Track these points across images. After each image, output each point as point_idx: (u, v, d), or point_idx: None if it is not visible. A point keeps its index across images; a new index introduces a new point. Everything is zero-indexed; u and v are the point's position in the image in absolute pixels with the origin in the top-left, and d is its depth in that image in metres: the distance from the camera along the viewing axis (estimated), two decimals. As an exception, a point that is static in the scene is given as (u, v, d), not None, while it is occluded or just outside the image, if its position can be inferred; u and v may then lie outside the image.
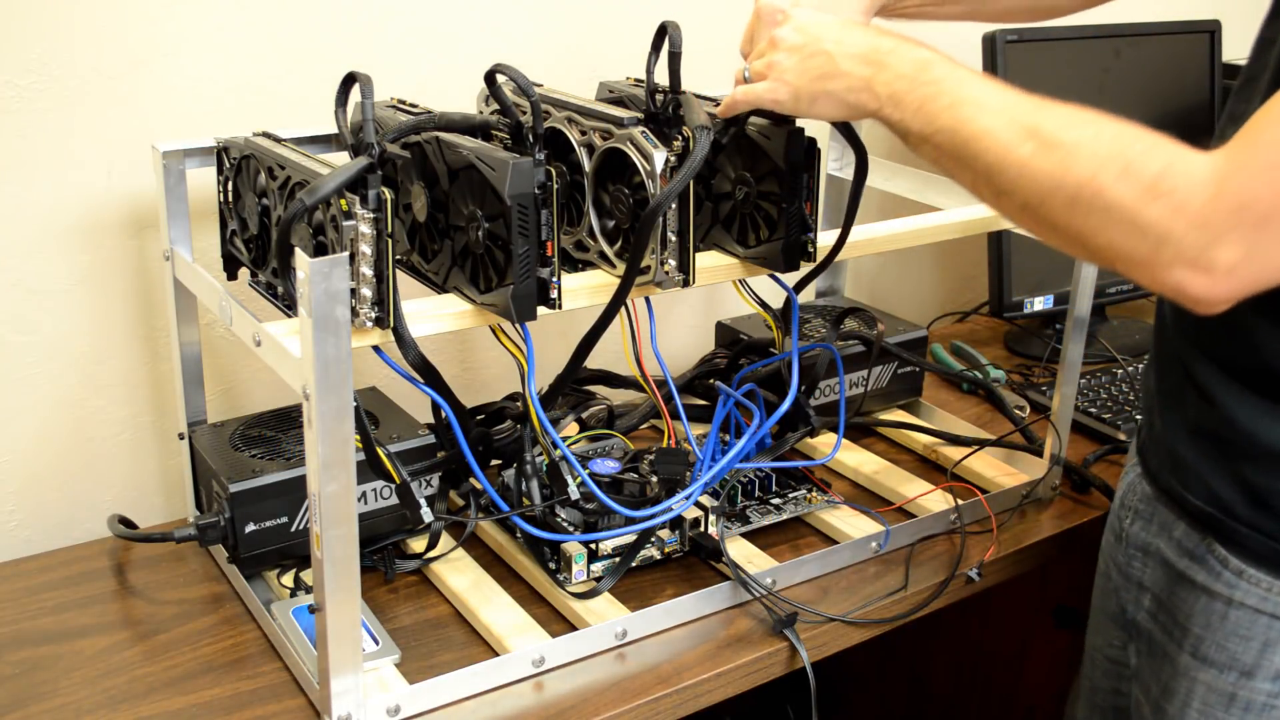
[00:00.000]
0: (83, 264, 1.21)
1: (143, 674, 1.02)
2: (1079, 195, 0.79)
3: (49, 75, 1.15)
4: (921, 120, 0.87)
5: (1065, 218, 0.80)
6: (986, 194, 0.86)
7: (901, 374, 1.44)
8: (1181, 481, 0.97)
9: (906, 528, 1.23)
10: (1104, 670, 1.15)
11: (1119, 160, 0.78)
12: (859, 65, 0.90)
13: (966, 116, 0.84)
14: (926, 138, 0.87)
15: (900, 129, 0.89)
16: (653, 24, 1.03)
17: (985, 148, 0.83)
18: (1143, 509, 1.04)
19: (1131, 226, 0.77)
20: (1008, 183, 0.82)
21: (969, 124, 0.84)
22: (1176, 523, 0.98)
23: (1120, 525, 1.07)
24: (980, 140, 0.83)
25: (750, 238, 1.09)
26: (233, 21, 1.23)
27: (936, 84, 0.86)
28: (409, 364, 0.96)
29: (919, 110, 0.87)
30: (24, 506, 1.24)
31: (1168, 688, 0.99)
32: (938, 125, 0.85)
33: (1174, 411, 0.99)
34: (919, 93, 0.87)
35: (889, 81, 0.89)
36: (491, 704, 0.99)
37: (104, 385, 1.25)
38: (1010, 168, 0.82)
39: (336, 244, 0.89)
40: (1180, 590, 0.98)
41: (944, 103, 0.85)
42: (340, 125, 1.05)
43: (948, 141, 0.85)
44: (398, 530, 1.16)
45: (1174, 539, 0.99)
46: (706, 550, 1.14)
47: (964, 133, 0.84)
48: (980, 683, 1.73)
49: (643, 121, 1.01)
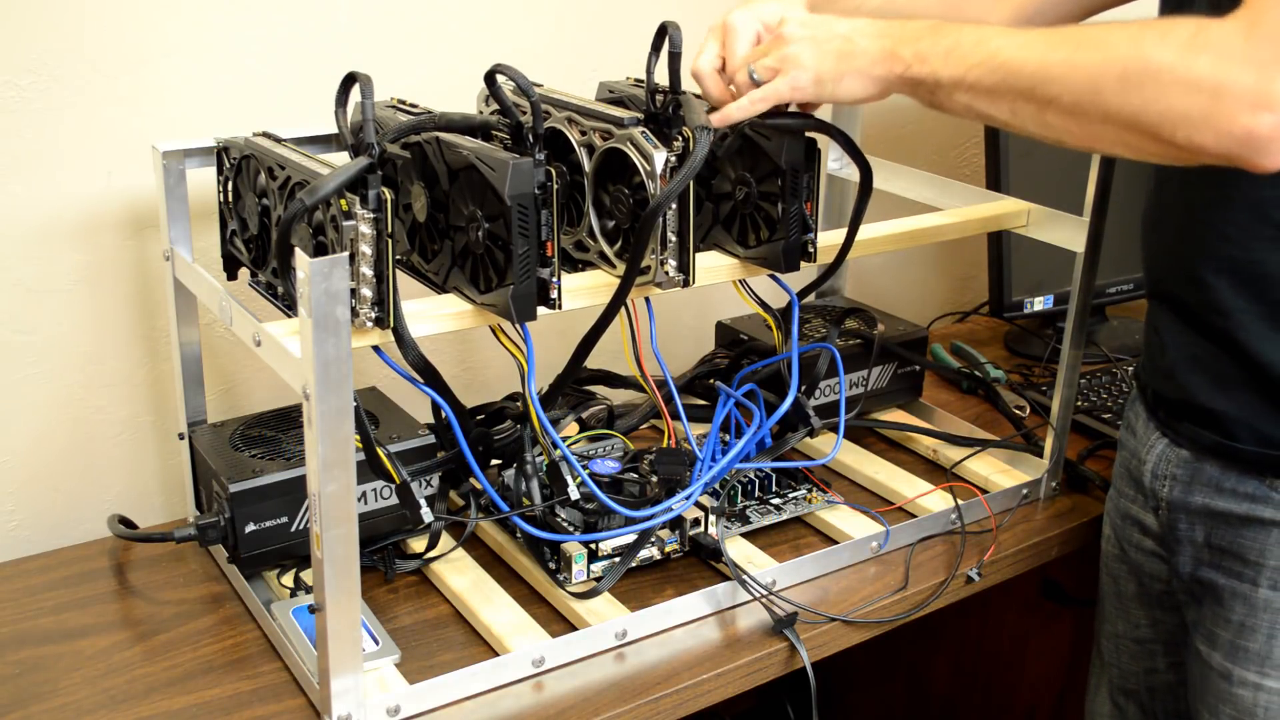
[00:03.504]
0: (83, 264, 1.21)
1: (143, 674, 1.02)
2: (1127, 72, 0.82)
3: (49, 75, 1.15)
4: (953, 64, 0.90)
5: (1119, 100, 0.82)
6: (1029, 112, 0.88)
7: (901, 374, 1.44)
8: (1228, 434, 1.02)
9: (906, 528, 1.23)
10: (1132, 654, 1.19)
11: (1153, 32, 0.81)
12: (876, 39, 0.94)
13: (996, 46, 0.88)
14: (959, 78, 0.90)
15: (930, 82, 0.92)
16: (653, 24, 1.03)
17: (1023, 62, 0.87)
18: (1180, 474, 1.07)
19: (1185, 83, 0.80)
20: (1055, 87, 0.85)
21: (1001, 51, 0.88)
22: (1225, 475, 1.03)
23: (1154, 498, 1.10)
24: (1016, 59, 0.87)
25: (750, 238, 1.09)
26: (233, 21, 1.23)
27: (955, 33, 0.91)
28: (409, 364, 0.96)
29: (948, 56, 0.91)
30: (24, 506, 1.24)
31: (1244, 626, 1.03)
32: (970, 62, 0.89)
33: (1199, 373, 1.04)
34: (942, 44, 0.91)
35: (911, 41, 0.93)
36: (491, 704, 0.99)
37: (104, 385, 1.25)
38: (1054, 70, 0.85)
39: (336, 244, 0.89)
40: (1247, 532, 1.02)
41: (969, 43, 0.90)
42: (340, 125, 1.05)
43: (985, 74, 0.89)
44: (398, 530, 1.16)
45: (1225, 490, 1.03)
46: (706, 550, 1.14)
47: (998, 59, 0.88)
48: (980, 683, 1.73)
49: (643, 122, 1.01)
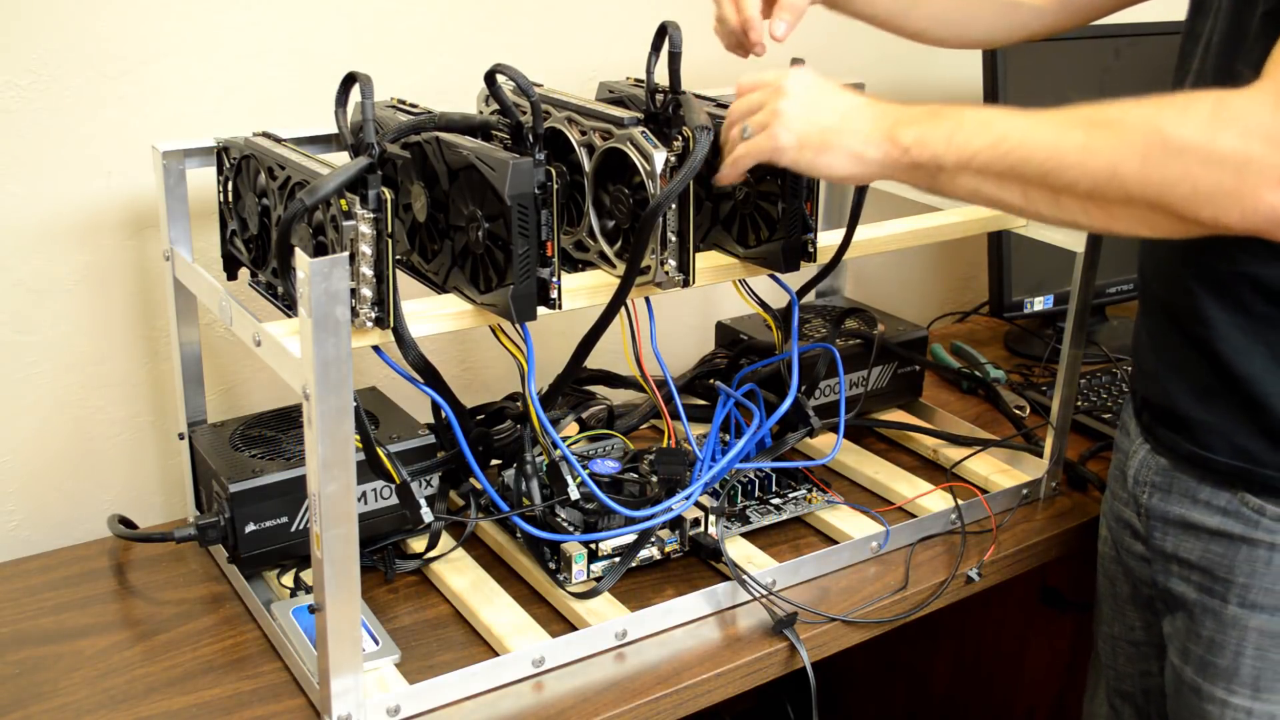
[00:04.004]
0: (83, 264, 1.21)
1: (143, 674, 1.02)
2: (1148, 152, 0.79)
3: (49, 75, 1.15)
4: (956, 149, 0.86)
5: (1140, 181, 0.79)
6: (1043, 200, 0.85)
7: (901, 374, 1.44)
8: (1204, 445, 1.00)
9: (906, 528, 1.23)
10: (1127, 655, 1.19)
11: (1171, 110, 0.79)
12: (873, 121, 0.89)
13: (1001, 132, 0.84)
14: (964, 164, 0.86)
15: (932, 167, 0.87)
16: (653, 24, 1.03)
17: (1033, 149, 0.83)
18: (1159, 481, 1.06)
19: (1210, 162, 0.77)
20: (1070, 174, 0.82)
21: (1009, 136, 0.84)
22: (1200, 486, 1.02)
23: (1135, 504, 1.09)
24: (1027, 144, 0.83)
25: (750, 238, 1.09)
26: (232, 21, 1.23)
27: (956, 117, 0.87)
28: (409, 364, 0.96)
29: (949, 141, 0.86)
30: (24, 506, 1.24)
31: (1214, 642, 1.02)
32: (975, 148, 0.85)
33: (1180, 380, 1.02)
34: (943, 128, 0.87)
35: (910, 123, 0.88)
36: (491, 704, 0.99)
37: (104, 385, 1.25)
38: (1068, 157, 0.81)
39: (336, 244, 0.89)
40: (1216, 547, 1.01)
41: (971, 127, 0.85)
42: (340, 125, 1.05)
43: (993, 159, 0.84)
44: (398, 530, 1.16)
45: (1200, 501, 1.02)
46: (706, 550, 1.14)
47: (1007, 144, 0.84)
48: (980, 683, 1.73)
49: (643, 122, 1.01)
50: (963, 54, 1.68)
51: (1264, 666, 0.99)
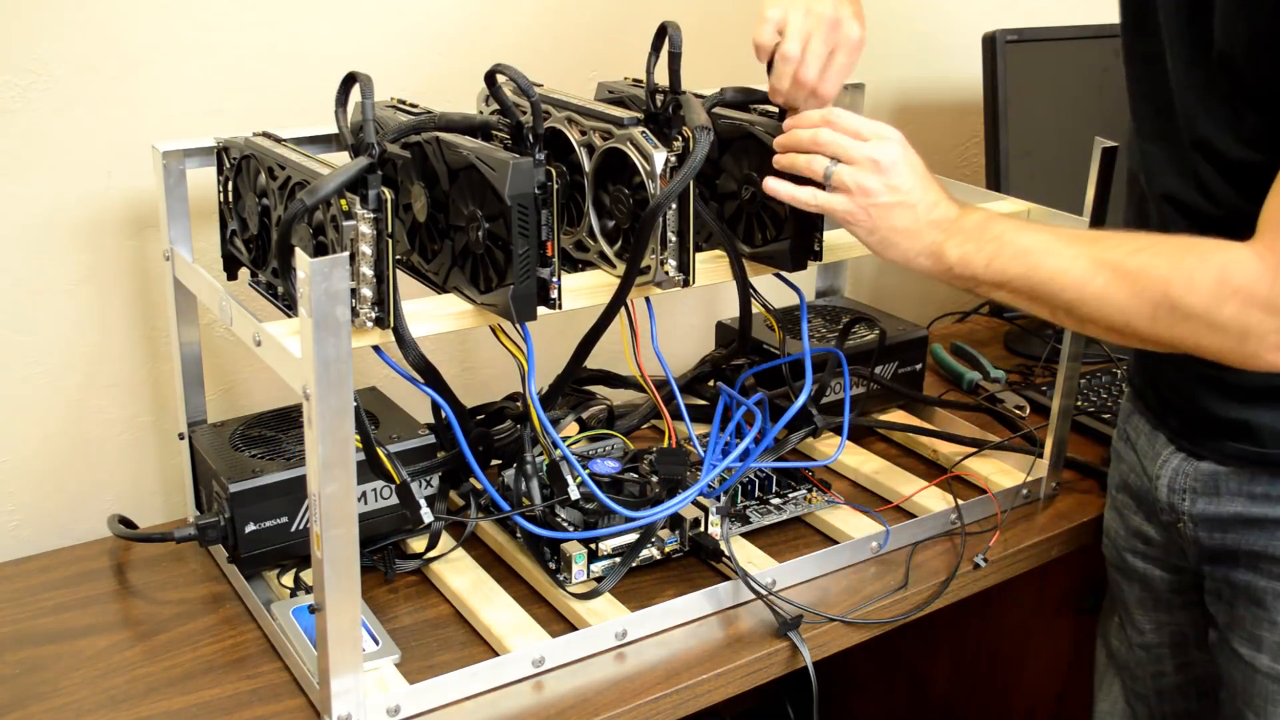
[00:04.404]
0: (83, 264, 1.21)
1: (143, 674, 1.02)
2: (1157, 313, 0.88)
3: (49, 75, 1.15)
4: (993, 273, 0.96)
5: (1150, 332, 0.90)
6: (1069, 322, 0.95)
7: (902, 374, 1.44)
8: (1255, 441, 1.02)
9: (906, 528, 1.23)
10: (1138, 660, 1.21)
11: (1181, 275, 0.87)
12: (934, 230, 0.98)
13: (1034, 264, 0.93)
14: (1000, 285, 0.96)
15: (971, 281, 0.97)
16: (652, 24, 1.03)
17: (1061, 287, 0.92)
18: (1202, 486, 1.07)
19: (1212, 330, 0.87)
20: (1090, 313, 0.92)
21: (1039, 269, 0.93)
22: (1255, 480, 1.03)
23: (1174, 510, 1.10)
24: (1054, 281, 0.93)
25: (757, 237, 1.09)
26: (233, 21, 1.23)
27: (998, 239, 0.96)
28: (409, 364, 0.96)
29: (989, 265, 0.96)
30: (24, 506, 1.24)
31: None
32: (1009, 275, 0.95)
33: (1209, 388, 1.04)
34: (986, 250, 0.96)
35: (958, 245, 0.97)
36: (491, 704, 0.99)
37: (104, 385, 1.25)
38: (1089, 300, 0.91)
39: (336, 244, 0.89)
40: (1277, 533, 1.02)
41: (1009, 254, 0.95)
42: (340, 125, 1.05)
43: (1023, 288, 0.95)
44: (398, 530, 1.16)
45: (1258, 495, 1.03)
46: (706, 550, 1.14)
47: (1036, 278, 0.93)
48: (980, 683, 1.73)
49: (643, 122, 1.01)
50: (963, 54, 1.69)
51: None
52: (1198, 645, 1.15)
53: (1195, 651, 1.16)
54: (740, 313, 1.12)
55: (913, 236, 0.98)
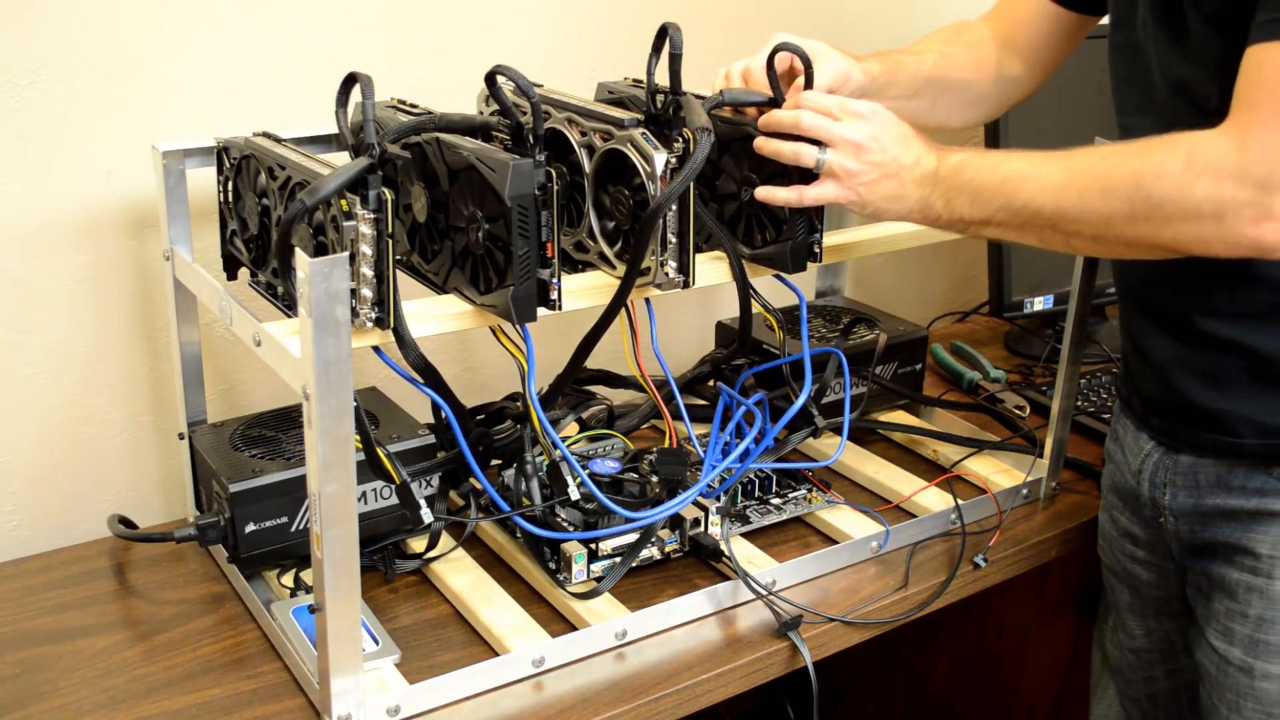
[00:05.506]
0: (83, 264, 1.21)
1: (143, 674, 1.02)
2: (1134, 209, 0.89)
3: (49, 75, 1.15)
4: (978, 211, 0.98)
5: (1131, 231, 0.90)
6: (1057, 241, 0.96)
7: (902, 374, 1.44)
8: (1229, 431, 1.03)
9: (906, 528, 1.23)
10: (1130, 664, 1.21)
11: (1150, 164, 0.88)
12: (918, 188, 1.01)
13: (1011, 191, 0.96)
14: (986, 219, 0.98)
15: (961, 224, 1.00)
16: (653, 24, 1.03)
17: (1040, 206, 0.94)
18: (1182, 479, 1.08)
19: (1188, 211, 0.87)
20: (1071, 223, 0.93)
21: (1017, 195, 0.96)
22: (1232, 472, 1.03)
23: (1155, 507, 1.10)
24: (1033, 203, 0.95)
25: (756, 238, 1.09)
26: (233, 21, 1.23)
27: (975, 178, 0.98)
28: (409, 364, 0.96)
29: (972, 205, 0.98)
30: (24, 506, 1.24)
31: (1262, 619, 1.04)
32: (993, 208, 0.97)
33: (1189, 374, 1.05)
34: (965, 192, 0.99)
35: (942, 195, 1.00)
36: (491, 704, 0.99)
37: (104, 385, 1.25)
38: (1068, 211, 0.93)
39: (337, 244, 0.89)
40: (1259, 527, 1.03)
41: (989, 191, 0.97)
42: (340, 125, 1.05)
43: (1007, 218, 0.97)
44: (398, 530, 1.16)
45: (1235, 487, 1.04)
46: (706, 550, 1.14)
47: (1015, 204, 0.96)
48: (980, 683, 1.73)
49: (643, 123, 1.01)
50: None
51: None
52: (1186, 653, 1.15)
53: (1184, 659, 1.16)
54: (740, 313, 1.12)
55: (901, 200, 1.01)
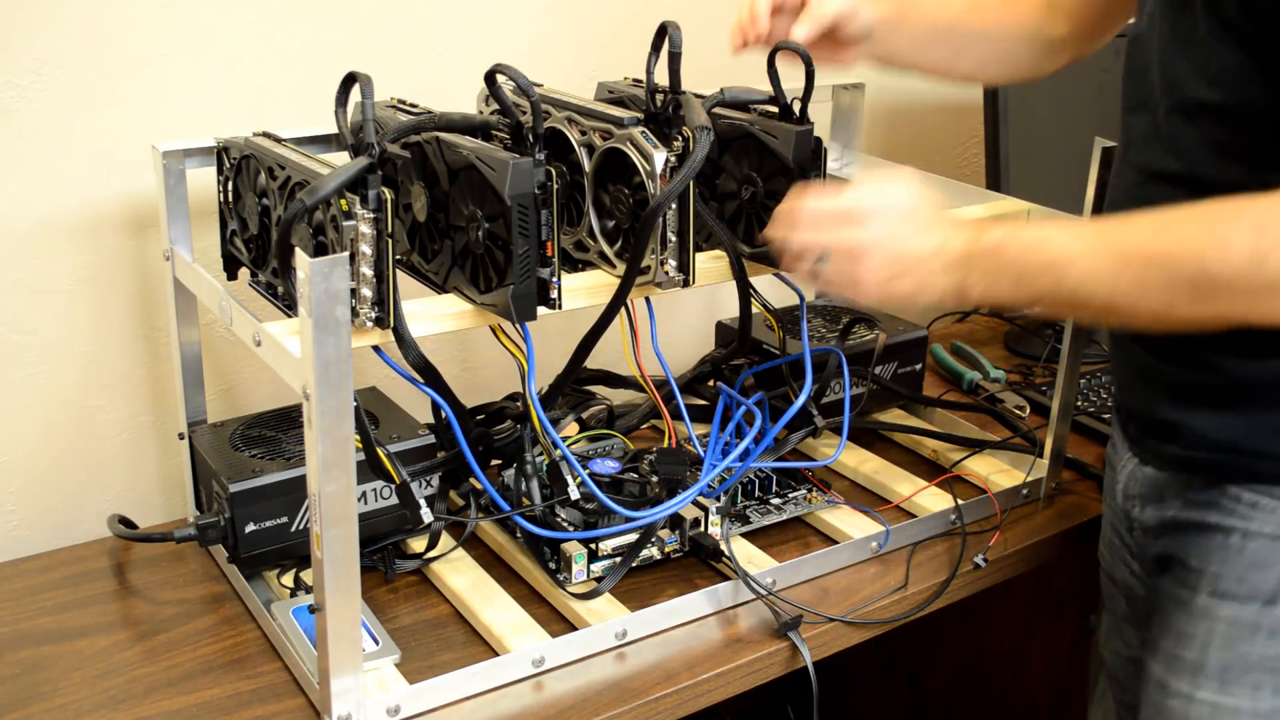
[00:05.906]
0: (83, 264, 1.21)
1: (143, 674, 1.02)
2: (1197, 289, 0.82)
3: (49, 75, 1.15)
4: (1023, 293, 0.91)
5: (1194, 312, 0.84)
6: (1114, 321, 0.93)
7: (902, 374, 1.44)
8: (1189, 444, 1.00)
9: (906, 528, 1.23)
10: (1126, 672, 1.18)
11: (1214, 242, 0.81)
12: (947, 274, 0.93)
13: (1058, 277, 0.88)
14: (1032, 303, 0.92)
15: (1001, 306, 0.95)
16: (652, 24, 1.03)
17: (1091, 293, 0.87)
18: (1149, 492, 1.06)
19: (1258, 291, 0.81)
20: (1128, 309, 0.86)
21: (1064, 281, 0.88)
22: (1190, 487, 1.01)
23: (1128, 519, 1.09)
24: (1083, 288, 0.87)
25: (757, 237, 1.09)
26: (232, 21, 1.23)
27: (1016, 261, 0.91)
28: (409, 364, 0.96)
29: (1015, 290, 0.91)
30: (24, 506, 1.24)
31: (1182, 635, 1.00)
32: (1038, 292, 0.90)
33: (1151, 387, 1.02)
34: (1008, 275, 0.91)
35: (978, 279, 0.92)
36: (491, 704, 0.99)
37: (104, 385, 1.25)
38: (1123, 299, 0.86)
39: (336, 244, 0.89)
40: (1191, 538, 1.00)
41: (1031, 274, 0.90)
42: (340, 125, 1.05)
43: (1055, 301, 0.91)
44: (398, 530, 1.16)
45: (1191, 500, 1.01)
46: (706, 550, 1.14)
47: (1063, 290, 0.88)
48: (980, 683, 1.73)
49: (643, 122, 1.01)
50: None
51: (1231, 659, 0.97)
52: None
53: None
54: (740, 313, 1.12)
55: (927, 290, 0.94)
